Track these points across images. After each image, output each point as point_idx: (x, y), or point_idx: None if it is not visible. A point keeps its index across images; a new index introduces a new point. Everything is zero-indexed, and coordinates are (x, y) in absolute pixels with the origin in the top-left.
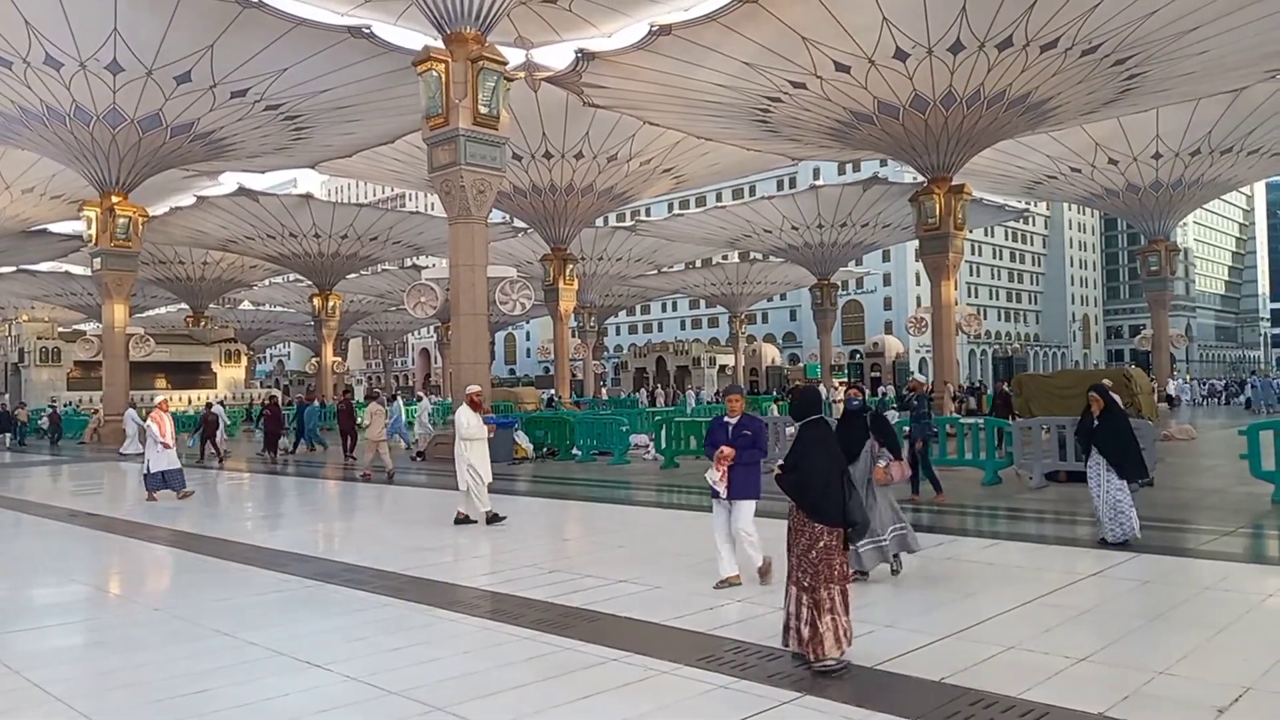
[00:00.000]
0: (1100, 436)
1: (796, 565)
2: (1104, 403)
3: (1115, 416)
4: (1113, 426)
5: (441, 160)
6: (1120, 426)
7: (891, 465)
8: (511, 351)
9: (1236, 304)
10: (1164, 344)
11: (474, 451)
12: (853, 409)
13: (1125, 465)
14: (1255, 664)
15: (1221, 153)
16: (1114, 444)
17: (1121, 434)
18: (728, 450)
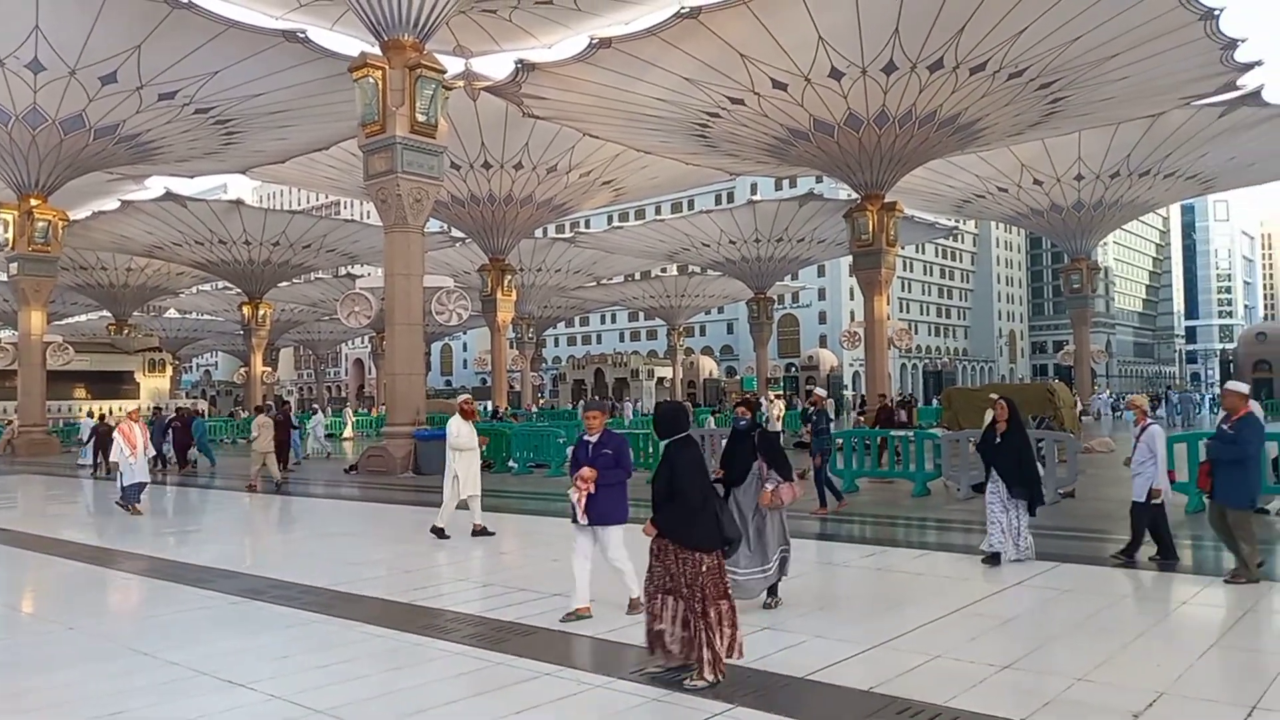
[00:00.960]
0: (1001, 455)
1: (681, 586)
2: (1009, 416)
3: (1016, 434)
4: (1014, 444)
5: (377, 168)
6: (1018, 445)
7: (781, 488)
8: (448, 362)
9: (1153, 321)
10: (1085, 359)
11: (462, 462)
12: (740, 430)
13: (1019, 485)
14: (1169, 670)
15: (1139, 175)
16: (1012, 462)
17: (1020, 452)
18: (587, 471)
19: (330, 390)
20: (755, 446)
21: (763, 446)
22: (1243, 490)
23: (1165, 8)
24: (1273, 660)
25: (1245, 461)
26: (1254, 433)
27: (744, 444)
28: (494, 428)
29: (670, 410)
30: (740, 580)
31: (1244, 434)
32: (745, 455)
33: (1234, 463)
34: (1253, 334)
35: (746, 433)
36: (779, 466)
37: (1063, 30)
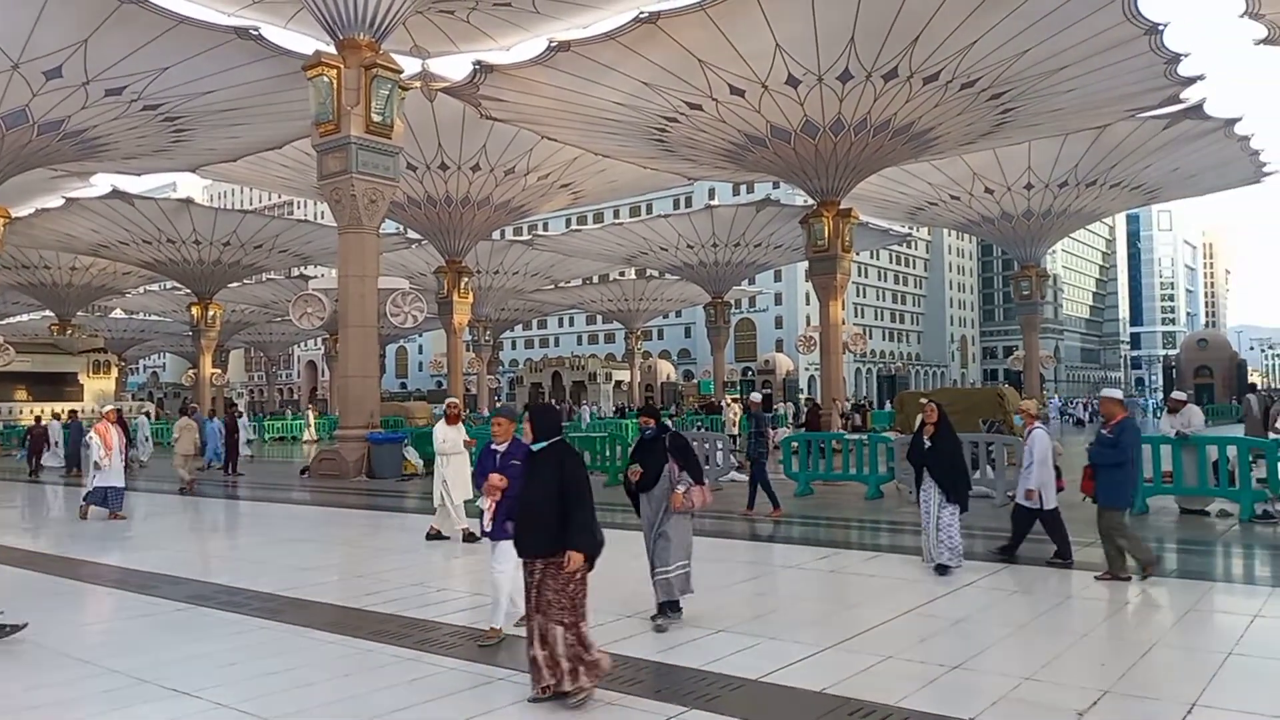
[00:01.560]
0: (932, 458)
1: (554, 603)
2: (938, 419)
3: (946, 438)
4: (945, 448)
5: (332, 168)
6: (952, 448)
7: (692, 490)
8: (403, 365)
9: (1100, 327)
10: (1034, 364)
11: (450, 467)
12: (646, 438)
13: (954, 489)
14: (1113, 669)
15: (1087, 185)
16: (945, 466)
17: (954, 455)
18: (496, 479)
19: (281, 393)
20: (666, 449)
21: (674, 448)
22: (1120, 492)
23: (1111, 22)
24: (1212, 658)
25: (1124, 465)
26: (1131, 437)
27: (653, 449)
28: None
29: (543, 412)
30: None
31: (1122, 439)
32: (656, 460)
33: (1113, 466)
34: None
35: (655, 439)
36: (691, 469)
37: (1013, 43)
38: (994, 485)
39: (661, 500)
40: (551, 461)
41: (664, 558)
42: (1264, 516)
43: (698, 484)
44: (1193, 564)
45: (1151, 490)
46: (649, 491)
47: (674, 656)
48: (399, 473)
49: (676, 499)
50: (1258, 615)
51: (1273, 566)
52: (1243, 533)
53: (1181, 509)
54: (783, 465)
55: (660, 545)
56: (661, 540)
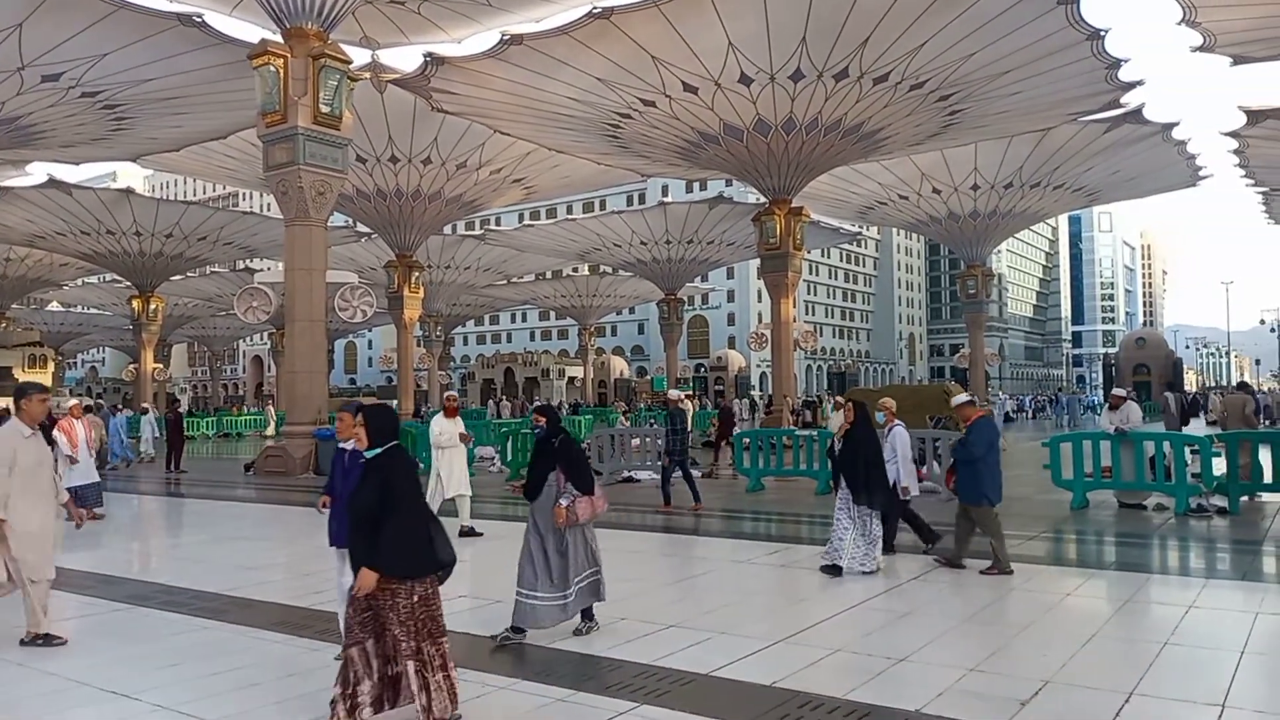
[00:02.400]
0: (842, 459)
1: (399, 630)
2: (855, 419)
3: (859, 438)
4: (855, 448)
5: (278, 159)
6: (861, 448)
7: (578, 503)
8: (352, 360)
9: (1043, 326)
10: (980, 362)
11: (445, 460)
12: (539, 438)
13: (861, 488)
14: (1053, 659)
15: (1031, 187)
16: (850, 464)
17: (864, 456)
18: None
19: (226, 388)
20: (553, 455)
21: (560, 455)
22: (976, 487)
23: (1055, 27)
24: (1149, 648)
25: (975, 462)
26: (981, 436)
27: (541, 453)
28: (402, 427)
29: (380, 412)
30: (535, 606)
31: (972, 437)
32: (541, 466)
33: (967, 463)
34: (1133, 339)
35: (545, 440)
36: (577, 478)
37: (960, 45)
38: (939, 481)
39: (547, 511)
40: (382, 469)
41: (565, 578)
42: (1198, 510)
43: (585, 494)
44: (1130, 556)
45: (1092, 485)
46: (535, 501)
47: (624, 652)
48: None
49: (559, 513)
50: (1192, 606)
51: (1206, 559)
52: (1178, 526)
53: (1120, 503)
54: (734, 462)
55: (554, 563)
56: (555, 558)
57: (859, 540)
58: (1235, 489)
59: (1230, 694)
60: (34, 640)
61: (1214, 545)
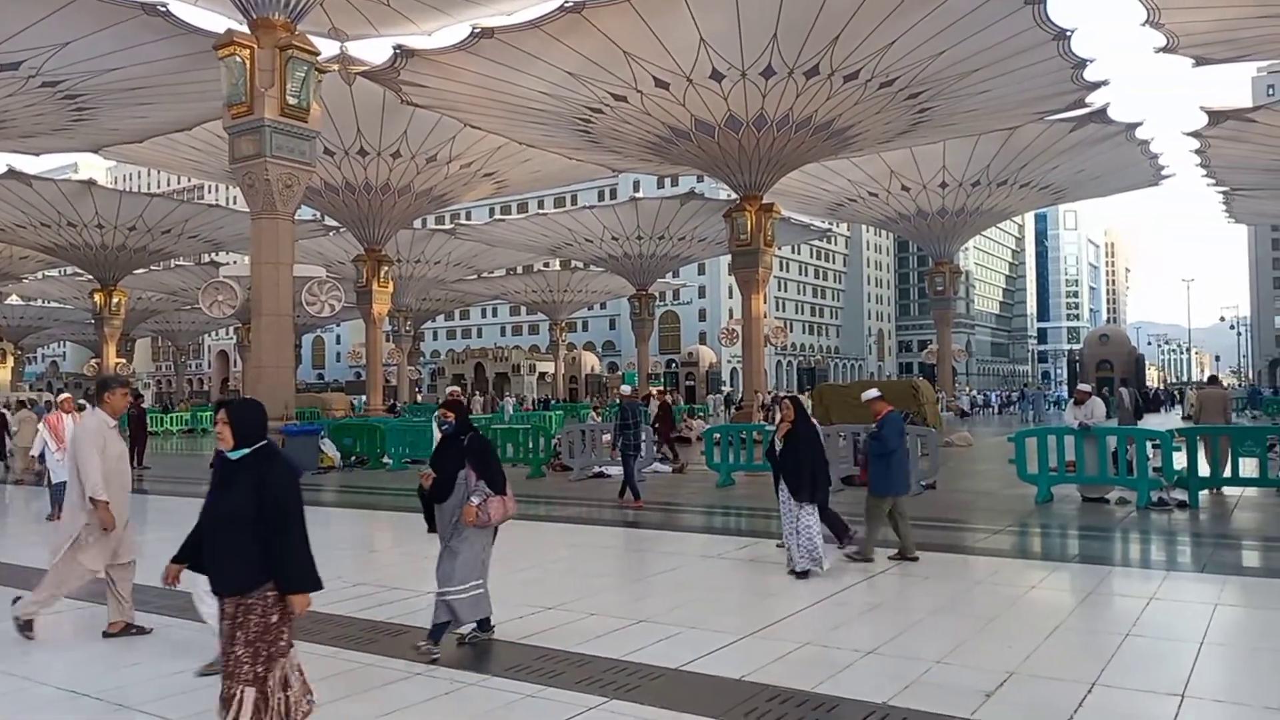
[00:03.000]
0: (781, 456)
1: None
2: (794, 416)
3: (798, 435)
4: (794, 445)
5: (245, 151)
6: (800, 445)
7: (489, 502)
8: (320, 355)
9: (1009, 322)
10: (947, 358)
11: None
12: (446, 434)
13: (803, 488)
14: (1018, 651)
15: (998, 184)
16: (792, 462)
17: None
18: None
19: (191, 383)
20: (463, 452)
21: (471, 452)
22: (887, 480)
23: (1022, 26)
24: (1111, 639)
25: (887, 456)
26: (893, 429)
27: (449, 450)
28: (367, 423)
29: (246, 407)
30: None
31: (885, 431)
32: (449, 463)
33: (878, 457)
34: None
35: (454, 437)
36: (490, 476)
37: (929, 44)
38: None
39: (454, 513)
40: (252, 472)
41: (447, 576)
42: (1159, 504)
43: (498, 494)
44: (1093, 549)
45: (1056, 479)
46: (442, 502)
47: (593, 647)
48: (315, 466)
49: (469, 512)
50: (1153, 598)
51: (1167, 551)
52: (1139, 519)
53: (1083, 497)
54: (705, 456)
55: (444, 562)
56: (446, 555)
57: (800, 539)
58: (1195, 483)
59: (1190, 684)
60: (124, 630)
61: (1174, 538)
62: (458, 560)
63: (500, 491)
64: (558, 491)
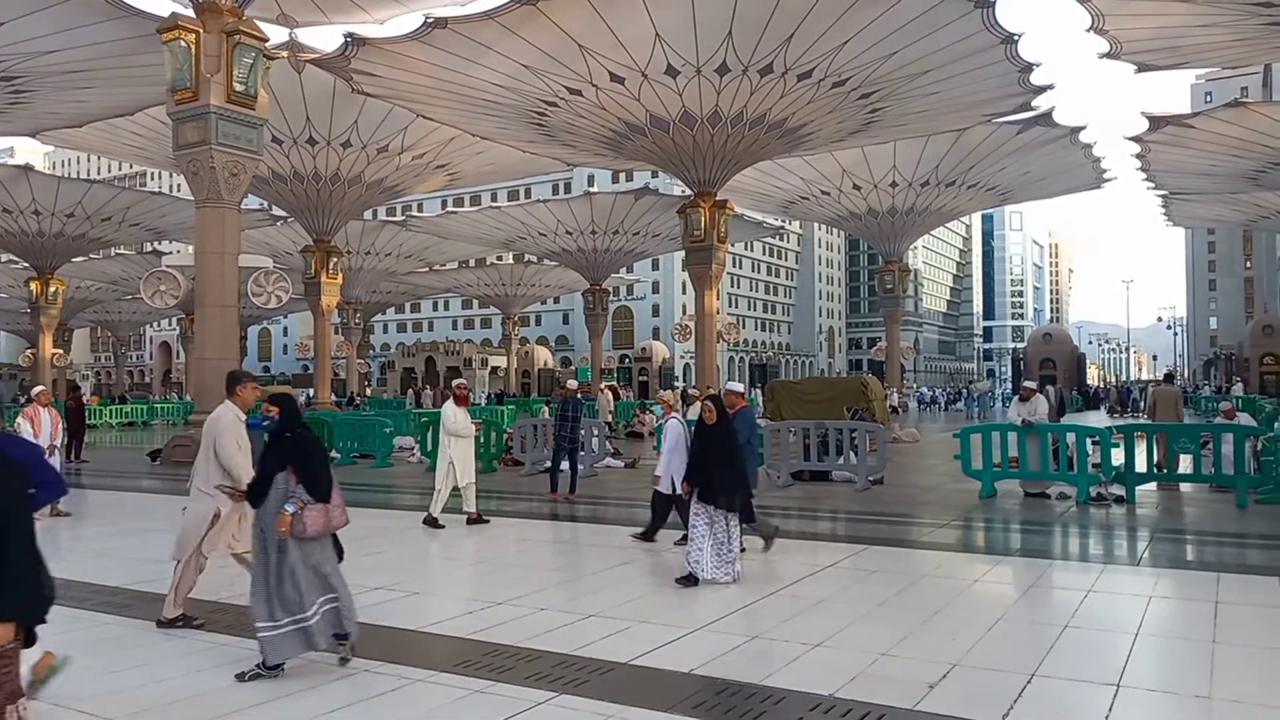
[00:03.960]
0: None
1: None
2: (717, 419)
3: (714, 435)
4: (707, 447)
5: (189, 138)
6: (712, 446)
7: (306, 513)
8: (266, 348)
9: (956, 321)
10: (896, 355)
11: (458, 448)
12: (272, 432)
13: (718, 490)
14: (962, 643)
15: (947, 185)
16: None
17: (718, 456)
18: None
19: (131, 375)
20: (285, 451)
21: (292, 451)
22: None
23: (971, 30)
24: (1050, 631)
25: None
26: (744, 424)
27: (271, 451)
28: (315, 416)
29: None
30: (268, 638)
31: (736, 426)
32: (269, 462)
33: None
34: (1040, 334)
35: (278, 435)
36: (311, 480)
37: (881, 45)
38: (856, 470)
39: (273, 519)
40: None
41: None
42: (1097, 499)
43: (319, 502)
44: (1034, 543)
45: (999, 474)
46: (257, 507)
47: (543, 643)
48: None
49: (282, 520)
50: (1090, 590)
51: (1104, 545)
52: (1079, 514)
53: (1025, 492)
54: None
55: (255, 584)
56: (257, 578)
57: (715, 545)
58: (1132, 478)
59: (1125, 674)
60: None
61: (1112, 532)
62: (297, 577)
63: (322, 499)
64: (509, 486)
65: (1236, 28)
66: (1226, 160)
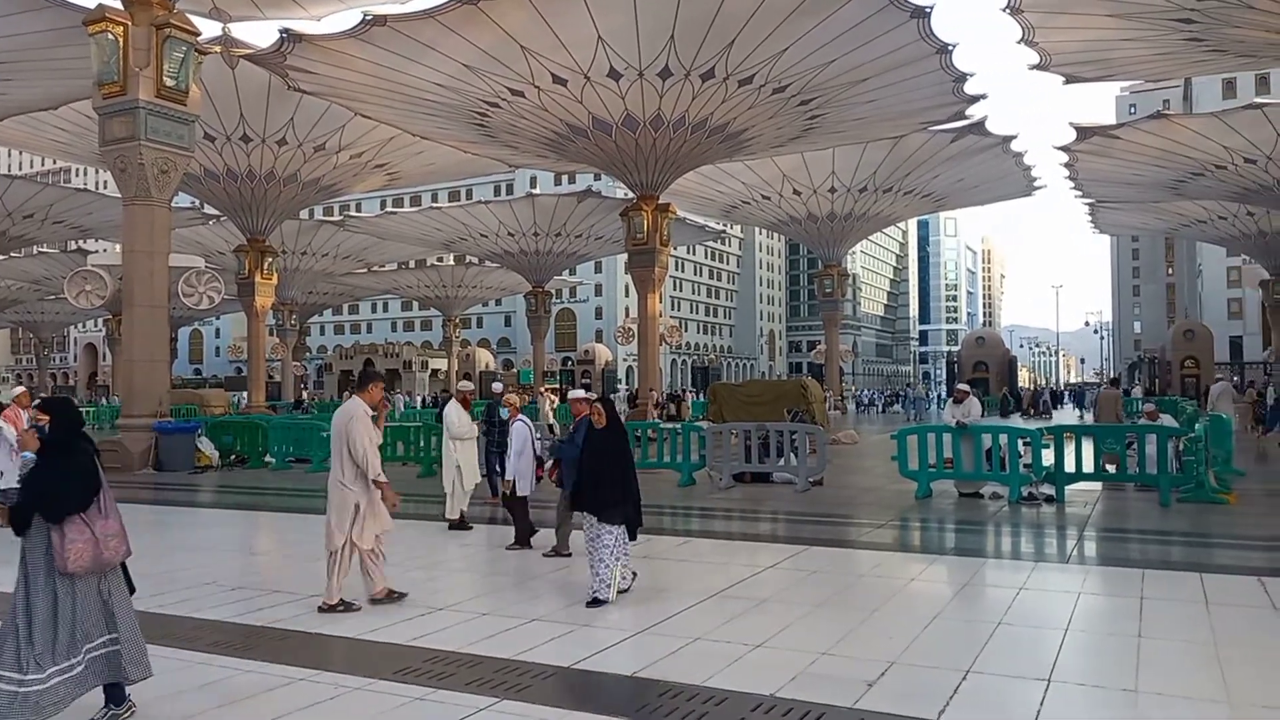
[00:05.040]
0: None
1: None
2: (606, 423)
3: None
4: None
5: (116, 133)
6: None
7: (69, 544)
8: (198, 349)
9: (893, 325)
10: (835, 358)
11: (463, 452)
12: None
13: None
14: (899, 641)
15: (884, 191)
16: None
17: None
18: None
19: (55, 377)
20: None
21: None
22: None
23: (908, 39)
24: (985, 628)
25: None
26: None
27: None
28: (250, 420)
29: None
30: (26, 693)
31: (577, 435)
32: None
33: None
34: (973, 338)
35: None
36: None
37: (820, 52)
38: (796, 472)
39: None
40: None
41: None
42: (1029, 498)
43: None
44: (969, 542)
45: (935, 475)
46: (20, 534)
47: (484, 648)
48: (191, 465)
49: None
50: (1022, 588)
51: (1035, 544)
52: (1011, 513)
53: (960, 492)
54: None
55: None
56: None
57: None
58: (1062, 478)
59: (1055, 668)
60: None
61: (1042, 531)
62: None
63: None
64: None
65: (1159, 43)
66: (1149, 170)
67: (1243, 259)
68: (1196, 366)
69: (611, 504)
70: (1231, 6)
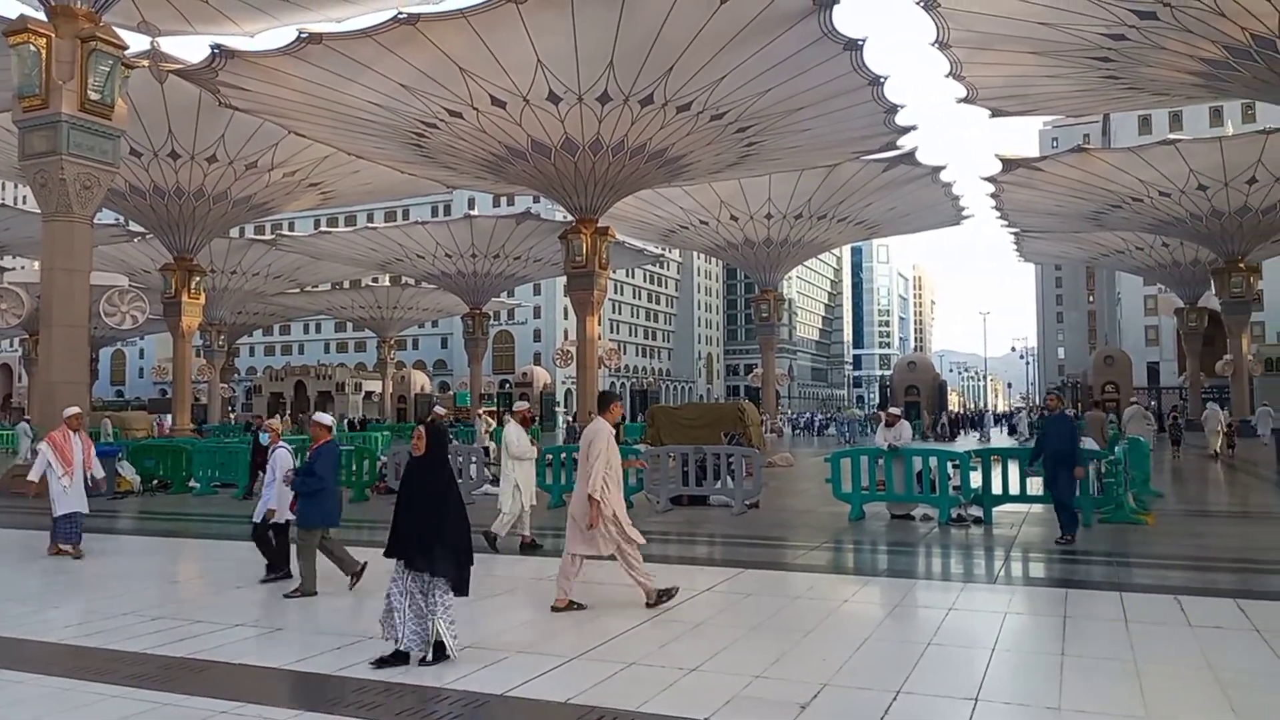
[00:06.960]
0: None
1: None
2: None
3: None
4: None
5: (37, 147)
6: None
7: None
8: (120, 370)
9: (828, 349)
10: (771, 381)
11: (521, 472)
12: None
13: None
14: (832, 663)
15: (818, 218)
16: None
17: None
18: None
19: None
20: None
21: None
22: (314, 513)
23: (840, 71)
24: (914, 649)
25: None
26: (327, 463)
27: None
28: (173, 444)
29: None
30: None
31: (318, 465)
32: None
33: (308, 494)
34: (905, 363)
35: None
36: None
37: (757, 81)
38: (733, 495)
39: None
40: None
41: None
42: (958, 520)
43: None
44: (900, 564)
45: (868, 497)
46: None
47: (415, 677)
48: (112, 490)
49: None
50: (952, 608)
51: (964, 564)
52: (941, 534)
53: (892, 514)
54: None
55: None
56: None
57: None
58: (990, 500)
59: (983, 688)
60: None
61: (971, 552)
62: None
63: None
64: (381, 515)
65: (1079, 79)
66: (1071, 201)
67: (1159, 288)
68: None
69: (419, 550)
70: (1145, 47)
